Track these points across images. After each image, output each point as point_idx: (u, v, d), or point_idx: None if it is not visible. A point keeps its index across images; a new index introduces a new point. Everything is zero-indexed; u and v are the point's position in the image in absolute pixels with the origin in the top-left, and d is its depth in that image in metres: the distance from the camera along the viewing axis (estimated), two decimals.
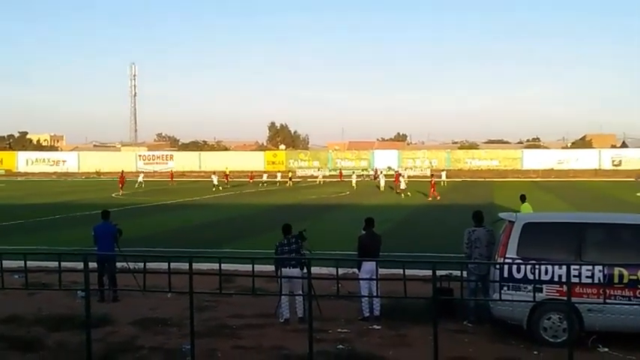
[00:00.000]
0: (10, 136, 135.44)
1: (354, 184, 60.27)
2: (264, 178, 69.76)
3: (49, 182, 76.32)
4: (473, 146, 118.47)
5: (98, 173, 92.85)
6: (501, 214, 11.39)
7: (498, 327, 10.42)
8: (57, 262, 12.32)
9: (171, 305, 11.97)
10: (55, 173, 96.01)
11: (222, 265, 8.15)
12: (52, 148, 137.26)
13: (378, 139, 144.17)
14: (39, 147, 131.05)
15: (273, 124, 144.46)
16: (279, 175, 73.95)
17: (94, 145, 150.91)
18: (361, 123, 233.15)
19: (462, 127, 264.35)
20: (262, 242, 22.25)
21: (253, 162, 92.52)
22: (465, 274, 10.21)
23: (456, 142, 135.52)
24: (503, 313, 10.14)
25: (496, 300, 9.86)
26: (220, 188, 57.83)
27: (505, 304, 9.79)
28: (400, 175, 56.43)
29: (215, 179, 60.55)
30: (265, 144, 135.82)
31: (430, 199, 44.04)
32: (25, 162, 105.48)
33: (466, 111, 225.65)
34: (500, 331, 10.32)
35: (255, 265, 8.22)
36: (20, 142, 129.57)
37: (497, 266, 9.98)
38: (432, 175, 53.95)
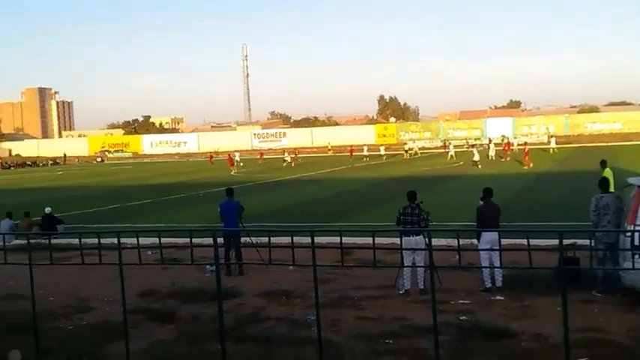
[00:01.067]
0: (135, 120, 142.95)
1: (452, 155, 58.06)
2: (365, 151, 67.58)
3: (172, 163, 79.98)
4: (593, 109, 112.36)
5: (217, 153, 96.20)
6: (630, 179, 10.76)
7: (629, 296, 9.92)
8: (186, 239, 13.02)
9: (293, 278, 12.26)
10: (177, 154, 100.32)
11: (336, 237, 8.21)
12: (173, 131, 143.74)
13: (490, 107, 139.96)
14: (161, 130, 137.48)
15: (382, 97, 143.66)
16: (382, 148, 72.00)
17: (212, 126, 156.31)
18: (472, 92, 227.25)
19: (580, 90, 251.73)
20: (378, 215, 22.33)
21: (364, 136, 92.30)
22: (593, 242, 9.76)
23: (574, 107, 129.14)
24: (634, 282, 9.63)
25: (627, 269, 9.36)
26: (292, 165, 58.14)
27: (637, 272, 9.28)
28: (510, 144, 54.84)
29: (288, 157, 61.04)
30: (375, 117, 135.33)
31: (525, 167, 42.14)
32: (149, 144, 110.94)
33: (583, 73, 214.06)
34: (631, 301, 9.82)
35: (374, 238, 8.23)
36: (144, 126, 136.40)
37: (628, 234, 9.46)
38: (525, 143, 50.75)
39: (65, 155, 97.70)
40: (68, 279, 12.63)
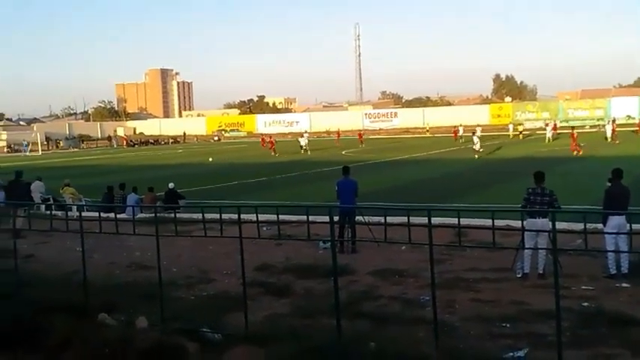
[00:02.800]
0: (250, 100, 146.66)
1: (549, 138, 54.34)
2: (460, 132, 63.59)
3: (285, 142, 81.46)
4: None
5: (328, 132, 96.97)
6: None
7: None
8: (299, 216, 13.23)
9: (406, 257, 12.19)
10: (289, 133, 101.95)
11: (451, 218, 8.05)
12: (286, 110, 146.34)
13: (614, 86, 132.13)
14: (275, 109, 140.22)
15: (498, 75, 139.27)
16: (478, 129, 62.10)
17: (324, 106, 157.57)
18: (594, 69, 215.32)
19: None
20: (491, 196, 21.75)
21: (478, 116, 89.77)
22: None
23: None
24: None
25: None
26: (309, 152, 55.66)
27: None
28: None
29: (302, 141, 58.73)
30: (490, 97, 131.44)
31: (575, 153, 39.06)
32: (263, 124, 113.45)
33: None
34: None
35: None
36: (259, 106, 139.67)
37: None
38: (572, 128, 45.40)
39: (185, 134, 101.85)
40: (190, 251, 13.20)
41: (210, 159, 39.12)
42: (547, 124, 61.92)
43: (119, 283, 10.90)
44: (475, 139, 43.00)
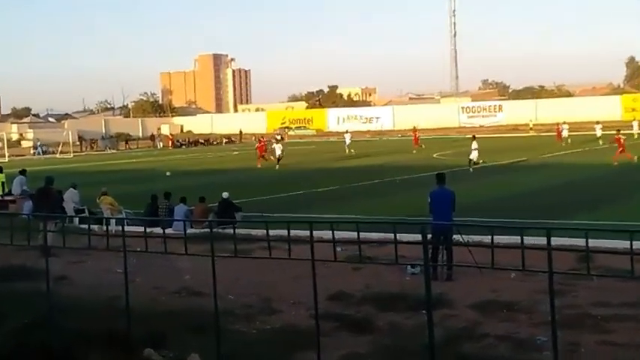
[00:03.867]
0: (320, 91, 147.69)
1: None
2: (565, 133, 61.16)
3: (363, 142, 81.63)
4: None
5: (414, 130, 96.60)
6: None
7: None
8: (381, 233, 13.24)
9: (516, 287, 11.98)
10: (368, 132, 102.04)
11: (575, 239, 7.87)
12: (363, 103, 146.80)
13: None
14: (350, 102, 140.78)
15: (632, 59, 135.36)
16: (597, 127, 61.38)
17: (410, 98, 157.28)
18: None
19: None
20: (631, 211, 21.18)
21: (605, 109, 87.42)
22: None
23: None
24: None
25: None
26: (353, 151, 56.21)
27: None
28: None
29: (348, 139, 59.43)
30: (622, 86, 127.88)
31: (615, 163, 37.34)
32: (335, 120, 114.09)
33: None
34: None
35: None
36: (330, 98, 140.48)
37: None
38: (618, 131, 42.26)
39: (241, 132, 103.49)
40: (250, 275, 13.38)
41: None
42: None
43: (166, 311, 11.15)
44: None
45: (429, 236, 13.08)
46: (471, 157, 40.05)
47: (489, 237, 8.58)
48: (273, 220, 18.13)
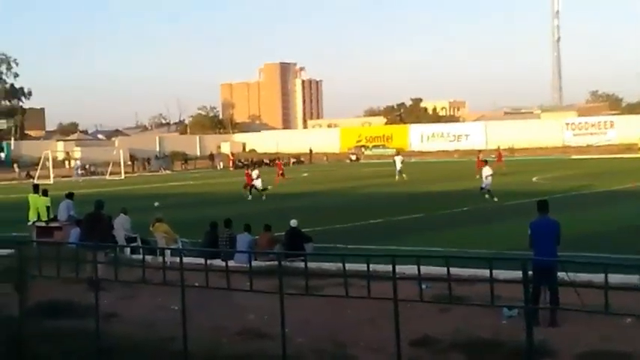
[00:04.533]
0: (401, 105, 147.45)
1: None
2: None
3: (449, 164, 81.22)
4: None
5: (511, 150, 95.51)
6: None
7: None
8: (472, 269, 13.09)
9: (631, 335, 11.70)
10: (456, 151, 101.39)
11: None
12: (451, 119, 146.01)
13: None
14: (435, 117, 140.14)
15: None
16: None
17: (505, 112, 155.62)
18: None
19: None
20: None
21: None
22: None
23: None
24: None
25: None
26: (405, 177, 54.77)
27: None
28: None
29: (399, 162, 57.70)
30: None
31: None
32: (419, 137, 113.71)
33: None
34: None
35: None
36: (413, 113, 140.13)
37: None
38: None
39: (311, 151, 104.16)
40: (321, 315, 13.41)
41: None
42: None
43: (229, 355, 11.26)
44: None
45: (530, 273, 12.90)
46: (483, 185, 39.28)
47: (601, 276, 8.43)
48: (350, 252, 18.15)
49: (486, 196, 38.08)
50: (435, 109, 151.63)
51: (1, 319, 11.73)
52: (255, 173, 47.31)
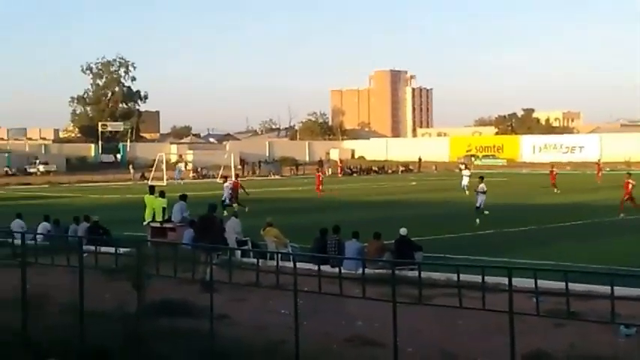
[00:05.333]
0: (513, 115, 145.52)
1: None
2: None
3: (562, 176, 79.30)
4: None
5: (628, 163, 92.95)
6: None
7: None
8: (594, 285, 12.78)
9: None
10: (569, 164, 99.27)
11: None
12: (564, 130, 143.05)
13: None
14: (548, 128, 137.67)
15: None
16: None
17: (622, 125, 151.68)
18: None
19: None
20: None
21: None
22: None
23: None
24: None
25: None
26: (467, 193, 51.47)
27: None
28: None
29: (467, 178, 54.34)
30: None
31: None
32: (530, 149, 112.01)
33: None
34: None
35: None
36: (525, 123, 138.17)
37: None
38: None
39: (420, 160, 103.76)
40: (431, 325, 13.31)
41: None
42: None
43: None
44: None
45: None
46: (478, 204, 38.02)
47: None
48: (461, 263, 17.94)
49: (482, 214, 36.33)
50: (547, 120, 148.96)
51: (120, 316, 12.06)
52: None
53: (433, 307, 11.22)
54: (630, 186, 38.28)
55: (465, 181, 54.80)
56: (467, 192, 52.34)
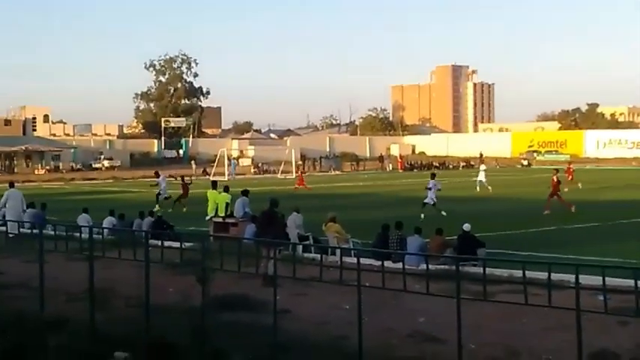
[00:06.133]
0: (576, 110, 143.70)
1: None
2: None
3: (626, 172, 78.15)
4: None
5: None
6: None
7: None
8: None
9: None
10: (634, 159, 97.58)
11: None
12: (629, 125, 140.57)
13: None
14: (614, 123, 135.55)
15: None
16: None
17: None
18: None
19: None
20: None
21: None
22: None
23: None
24: None
25: None
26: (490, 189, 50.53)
27: None
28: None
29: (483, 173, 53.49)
30: None
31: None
32: (594, 144, 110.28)
33: None
34: None
35: None
36: (589, 118, 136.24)
37: None
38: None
39: (482, 155, 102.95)
40: (492, 321, 13.21)
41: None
42: None
43: (400, 357, 11.28)
44: None
45: None
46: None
47: None
48: (525, 259, 17.70)
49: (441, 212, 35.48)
50: (612, 115, 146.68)
51: (185, 310, 12.21)
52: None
53: (496, 304, 11.14)
54: (555, 179, 39.55)
55: (482, 176, 54.18)
56: (478, 188, 52.42)
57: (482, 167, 57.90)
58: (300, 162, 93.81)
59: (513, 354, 11.93)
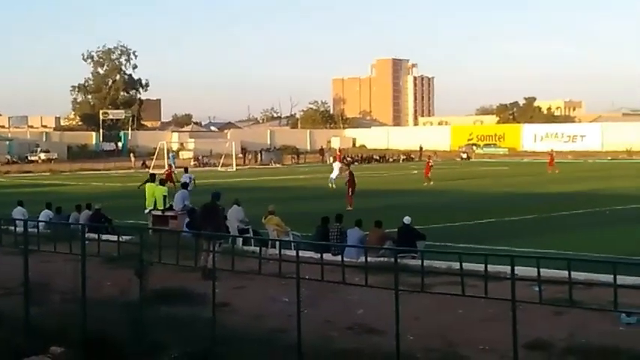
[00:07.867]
0: (514, 104, 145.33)
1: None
2: None
3: (563, 165, 79.41)
4: None
5: (629, 152, 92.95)
6: None
7: None
8: (594, 274, 12.81)
9: None
10: (570, 153, 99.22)
11: None
12: (565, 119, 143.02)
13: None
14: (549, 117, 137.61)
15: None
16: None
17: (623, 114, 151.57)
18: None
19: None
20: None
21: None
22: None
23: None
24: None
25: None
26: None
27: None
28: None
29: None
30: None
31: None
32: (532, 137, 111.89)
33: None
34: None
35: None
36: (526, 112, 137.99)
37: None
38: None
39: (421, 148, 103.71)
40: (431, 313, 13.34)
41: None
42: None
43: (339, 349, 11.30)
44: None
45: None
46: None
47: None
48: (463, 251, 17.93)
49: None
50: (549, 109, 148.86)
51: (122, 304, 12.10)
52: None
53: (434, 296, 11.26)
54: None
55: (335, 174, 51.83)
56: (331, 185, 50.31)
57: (337, 165, 56.02)
58: (241, 155, 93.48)
59: (450, 345, 12.05)
